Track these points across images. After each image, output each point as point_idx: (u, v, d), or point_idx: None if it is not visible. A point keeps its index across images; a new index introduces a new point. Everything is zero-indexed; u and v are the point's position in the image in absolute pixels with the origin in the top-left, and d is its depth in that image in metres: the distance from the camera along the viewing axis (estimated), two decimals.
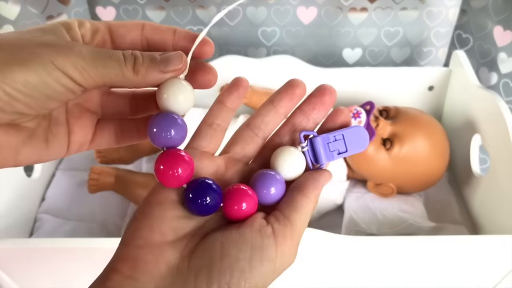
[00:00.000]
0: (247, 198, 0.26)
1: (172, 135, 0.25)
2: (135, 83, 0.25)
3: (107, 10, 0.82)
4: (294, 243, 0.25)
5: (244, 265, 0.23)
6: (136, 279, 0.23)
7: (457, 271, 0.55)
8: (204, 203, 0.25)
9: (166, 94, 0.26)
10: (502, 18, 0.70)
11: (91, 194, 0.71)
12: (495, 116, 0.62)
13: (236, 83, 0.29)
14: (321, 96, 0.29)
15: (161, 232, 0.24)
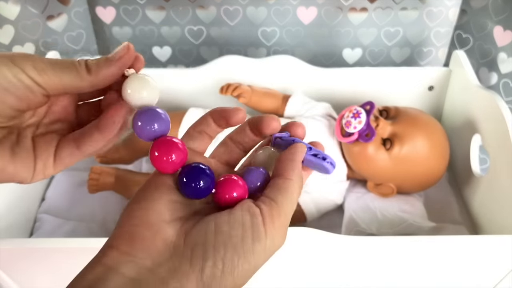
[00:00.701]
0: (238, 187, 0.27)
1: (155, 128, 0.27)
2: (90, 80, 0.26)
3: (107, 10, 0.82)
4: (281, 223, 0.26)
5: (237, 242, 0.24)
6: (133, 255, 0.24)
7: (457, 271, 0.55)
8: (198, 187, 0.26)
9: (129, 89, 0.27)
10: (502, 18, 0.70)
11: (91, 194, 0.71)
12: (495, 116, 0.62)
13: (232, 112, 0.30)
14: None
15: (158, 212, 0.25)
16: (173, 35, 0.85)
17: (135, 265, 0.23)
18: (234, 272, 0.24)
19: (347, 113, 0.67)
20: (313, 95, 0.78)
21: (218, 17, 0.82)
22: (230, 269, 0.24)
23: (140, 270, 0.23)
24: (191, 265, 0.24)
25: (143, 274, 0.23)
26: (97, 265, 0.24)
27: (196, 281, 0.23)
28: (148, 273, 0.23)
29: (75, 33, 0.83)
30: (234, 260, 0.24)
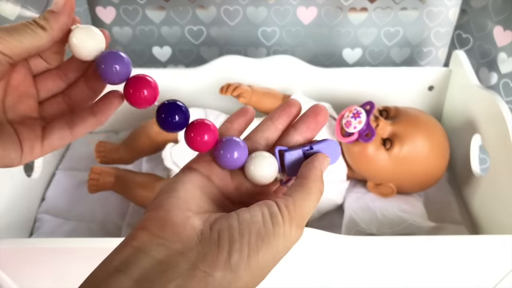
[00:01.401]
0: (209, 132, 0.29)
1: (118, 69, 0.28)
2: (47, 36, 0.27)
3: (107, 10, 0.82)
4: (297, 215, 0.26)
5: (259, 227, 0.25)
6: (164, 238, 0.24)
7: (457, 271, 0.55)
8: (173, 120, 0.29)
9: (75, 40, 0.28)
10: (502, 18, 0.70)
11: (91, 194, 0.71)
12: (495, 116, 0.62)
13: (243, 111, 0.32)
14: (315, 116, 0.32)
15: (187, 202, 0.26)
16: (173, 35, 0.85)
17: (166, 248, 0.24)
18: (259, 256, 0.25)
19: (347, 113, 0.67)
20: (313, 95, 0.78)
21: (218, 17, 0.82)
22: (255, 252, 0.24)
23: (170, 253, 0.24)
24: (219, 248, 0.24)
25: (172, 257, 0.24)
26: (127, 247, 0.24)
27: (224, 265, 0.24)
28: (178, 256, 0.24)
29: None
30: (259, 244, 0.25)
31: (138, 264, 0.23)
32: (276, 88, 0.78)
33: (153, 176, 0.71)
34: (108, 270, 0.24)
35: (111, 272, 0.23)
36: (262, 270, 0.25)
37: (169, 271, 0.23)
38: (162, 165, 0.74)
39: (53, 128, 0.29)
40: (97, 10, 0.82)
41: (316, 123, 0.32)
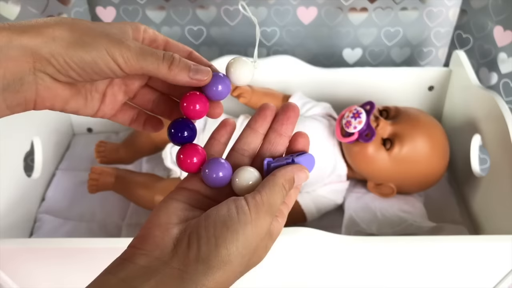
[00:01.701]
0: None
1: (219, 89, 0.33)
2: (166, 77, 0.31)
3: (107, 10, 0.82)
4: (264, 206, 0.30)
5: (225, 218, 0.29)
6: (145, 249, 0.29)
7: (457, 271, 0.55)
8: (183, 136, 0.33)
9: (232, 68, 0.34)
10: (502, 18, 0.70)
11: (91, 194, 0.71)
12: (495, 116, 0.62)
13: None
14: (285, 113, 0.35)
15: (168, 217, 0.31)
16: (173, 35, 0.85)
17: (147, 257, 0.28)
18: (227, 244, 0.28)
19: (347, 113, 0.67)
20: (313, 95, 0.78)
21: (218, 17, 0.82)
22: (222, 241, 0.28)
23: (151, 259, 0.28)
24: (189, 247, 0.28)
25: (152, 262, 0.28)
26: (116, 260, 0.29)
27: (195, 259, 0.28)
28: (156, 261, 0.28)
29: None
30: (223, 232, 0.28)
31: (124, 269, 0.28)
32: (276, 88, 0.78)
33: (153, 176, 0.71)
34: (100, 274, 0.29)
35: (102, 274, 0.28)
36: (236, 258, 0.28)
37: (149, 272, 0.28)
38: (162, 165, 0.74)
39: (124, 113, 0.36)
40: (97, 10, 0.82)
41: (287, 118, 0.35)
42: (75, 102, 0.33)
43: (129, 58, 0.30)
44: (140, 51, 0.31)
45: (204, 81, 0.32)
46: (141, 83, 0.36)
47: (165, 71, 0.31)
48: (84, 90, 0.34)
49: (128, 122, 0.37)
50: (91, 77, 0.31)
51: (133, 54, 0.30)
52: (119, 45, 0.30)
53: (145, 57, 0.31)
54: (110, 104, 0.35)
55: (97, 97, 0.35)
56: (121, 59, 0.30)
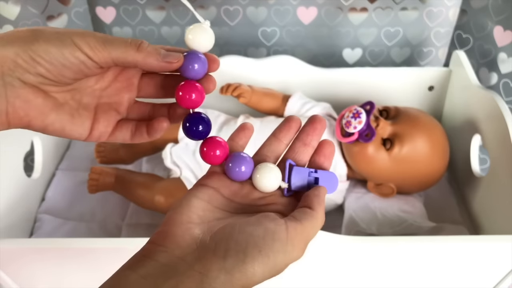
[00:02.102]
0: (220, 147, 0.34)
1: (195, 68, 0.32)
2: (136, 60, 0.31)
3: (107, 10, 0.82)
4: (303, 239, 0.29)
5: (258, 240, 0.28)
6: (166, 246, 0.29)
7: (457, 271, 0.55)
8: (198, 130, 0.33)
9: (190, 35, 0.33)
10: (502, 18, 0.70)
11: (91, 194, 0.71)
12: (495, 116, 0.62)
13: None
14: (312, 124, 0.36)
15: (189, 216, 0.30)
16: (173, 35, 0.85)
17: (167, 255, 0.28)
18: (255, 265, 0.27)
19: (347, 113, 0.67)
20: (313, 95, 0.78)
21: (218, 17, 0.82)
22: (250, 260, 0.27)
23: (171, 258, 0.28)
24: (214, 253, 0.28)
25: (172, 261, 0.28)
26: (137, 256, 0.29)
27: (218, 267, 0.27)
28: (177, 260, 0.28)
29: None
30: (255, 253, 0.28)
31: (144, 266, 0.28)
32: (276, 88, 0.78)
33: (153, 176, 0.71)
34: (120, 269, 0.28)
35: (121, 270, 0.28)
36: (257, 277, 0.28)
37: (169, 271, 0.27)
38: (162, 165, 0.74)
39: (121, 129, 0.34)
40: (97, 10, 0.82)
41: (314, 129, 0.35)
42: (57, 117, 0.31)
43: (96, 45, 0.30)
44: (106, 37, 0.30)
45: (175, 63, 0.32)
46: (130, 95, 0.35)
47: (134, 53, 0.30)
48: (68, 107, 0.32)
49: (129, 137, 0.35)
50: (61, 72, 0.30)
51: (99, 40, 0.30)
52: (84, 34, 0.30)
53: (112, 42, 0.30)
54: (105, 122, 0.34)
55: (86, 115, 0.33)
56: (87, 47, 0.29)
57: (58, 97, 0.32)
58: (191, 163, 0.69)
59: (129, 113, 0.35)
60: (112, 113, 0.34)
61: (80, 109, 0.33)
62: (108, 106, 0.34)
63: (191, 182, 0.67)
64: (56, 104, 0.31)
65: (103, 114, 0.34)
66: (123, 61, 0.31)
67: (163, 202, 0.67)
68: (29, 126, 0.31)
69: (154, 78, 0.35)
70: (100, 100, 0.34)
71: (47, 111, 0.31)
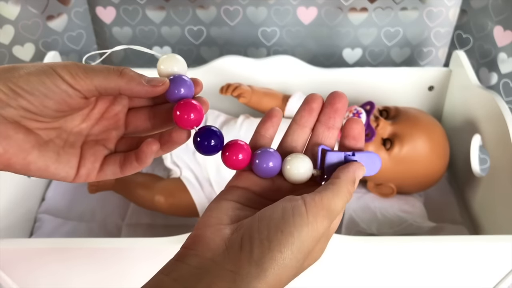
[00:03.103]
0: (243, 151, 0.32)
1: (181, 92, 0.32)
2: (120, 85, 0.30)
3: (107, 10, 0.82)
4: (323, 207, 0.28)
5: (278, 221, 0.28)
6: (197, 250, 0.29)
7: (457, 271, 0.55)
8: (209, 144, 0.32)
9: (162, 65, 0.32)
10: (502, 18, 0.70)
11: (91, 194, 0.71)
12: (495, 116, 0.62)
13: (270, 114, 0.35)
14: (332, 106, 0.34)
15: (218, 218, 0.30)
16: (173, 35, 0.85)
17: (199, 258, 0.28)
18: (281, 248, 0.27)
19: (347, 113, 0.67)
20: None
21: (218, 17, 0.82)
22: (276, 244, 0.27)
23: (203, 261, 0.28)
24: (241, 249, 0.27)
25: (204, 263, 0.28)
26: (171, 261, 0.29)
27: (248, 262, 0.27)
28: (208, 261, 0.28)
29: (75, 33, 0.83)
30: (278, 235, 0.27)
31: (177, 270, 0.28)
32: (276, 88, 0.78)
33: (153, 176, 0.71)
34: (155, 275, 0.28)
35: (156, 275, 0.28)
36: (288, 260, 0.27)
37: (201, 273, 0.27)
38: (162, 165, 0.74)
39: (109, 164, 0.33)
40: (97, 10, 0.82)
41: (335, 111, 0.33)
42: (41, 155, 0.30)
43: (77, 72, 0.29)
44: (88, 66, 0.30)
45: (160, 87, 0.31)
46: (117, 132, 0.34)
47: (116, 79, 0.30)
48: (52, 145, 0.31)
49: (119, 171, 0.33)
50: (44, 103, 0.28)
51: (81, 68, 0.29)
52: (66, 64, 0.29)
53: (93, 69, 0.29)
54: (91, 157, 0.32)
55: (72, 152, 0.32)
56: (69, 75, 0.29)
57: (42, 134, 0.30)
58: (191, 163, 0.69)
59: (118, 147, 0.34)
60: (99, 148, 0.33)
61: (66, 147, 0.31)
62: (94, 142, 0.33)
63: (191, 182, 0.67)
64: (39, 141, 0.30)
65: (90, 150, 0.32)
66: (105, 87, 0.30)
67: (163, 202, 0.67)
68: (9, 165, 0.29)
69: (141, 111, 0.34)
70: (87, 138, 0.33)
71: (29, 147, 0.29)
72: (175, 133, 0.33)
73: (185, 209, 0.67)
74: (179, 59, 0.32)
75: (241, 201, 0.32)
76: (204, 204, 0.67)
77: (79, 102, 0.30)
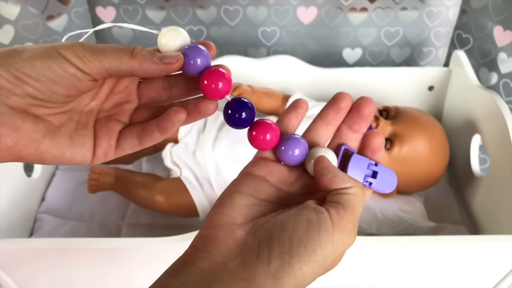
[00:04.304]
0: (271, 131, 0.31)
1: (198, 63, 0.29)
2: (132, 67, 0.28)
3: (107, 10, 0.82)
4: (349, 220, 0.27)
5: (302, 234, 0.26)
6: (207, 252, 0.27)
7: (457, 271, 0.55)
8: (240, 117, 0.30)
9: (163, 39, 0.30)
10: (502, 18, 0.70)
11: (91, 194, 0.71)
12: (495, 116, 0.62)
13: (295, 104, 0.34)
14: (359, 111, 0.32)
15: (231, 216, 0.28)
16: None
17: (209, 261, 0.26)
18: (302, 265, 0.25)
19: None
20: (313, 95, 0.78)
21: (218, 17, 0.82)
22: (297, 260, 0.25)
23: (213, 264, 0.26)
24: (258, 258, 0.26)
25: (215, 267, 0.26)
26: (179, 261, 0.27)
27: (264, 272, 0.25)
28: (219, 266, 0.26)
29: None
30: (300, 250, 0.25)
31: (186, 273, 0.26)
32: (276, 88, 0.78)
33: (153, 176, 0.71)
34: (162, 275, 0.27)
35: (163, 276, 0.27)
36: (308, 277, 0.26)
37: (212, 279, 0.26)
38: (162, 165, 0.74)
39: (126, 137, 0.31)
40: (97, 10, 0.82)
41: (360, 117, 0.32)
42: (53, 142, 0.28)
43: (85, 55, 0.27)
44: (95, 46, 0.27)
45: (175, 64, 0.29)
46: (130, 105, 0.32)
47: (128, 60, 0.28)
48: (65, 129, 0.29)
49: (137, 143, 0.31)
50: (52, 89, 0.27)
51: (88, 49, 0.27)
52: (71, 45, 0.27)
53: (102, 50, 0.27)
54: (106, 135, 0.30)
55: (86, 133, 0.30)
56: (76, 58, 0.26)
57: (52, 119, 0.28)
58: (191, 163, 0.69)
59: (133, 119, 0.32)
60: (112, 123, 0.31)
61: (78, 129, 0.30)
62: (107, 119, 0.31)
63: (191, 182, 0.67)
64: (50, 128, 0.28)
65: (103, 128, 0.30)
66: (117, 70, 0.28)
67: (163, 202, 0.67)
68: (21, 156, 0.27)
69: (154, 82, 0.32)
70: (99, 116, 0.31)
71: (39, 137, 0.27)
72: (203, 104, 0.30)
73: (185, 209, 0.67)
74: (181, 31, 0.30)
75: (257, 194, 0.30)
76: (204, 204, 0.67)
77: (88, 85, 0.28)
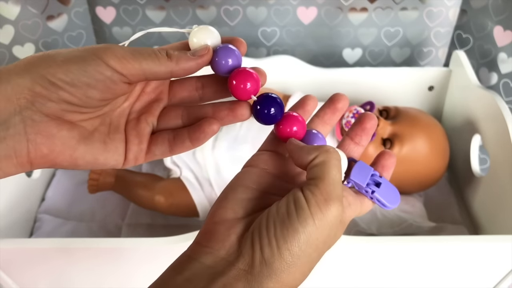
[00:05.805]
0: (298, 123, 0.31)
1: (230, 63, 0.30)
2: (170, 68, 0.28)
3: (107, 10, 0.82)
4: (321, 192, 0.27)
5: (283, 217, 0.26)
6: (210, 247, 0.28)
7: (457, 271, 0.55)
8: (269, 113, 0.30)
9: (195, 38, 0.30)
10: (502, 18, 0.70)
11: (91, 194, 0.71)
12: (495, 116, 0.62)
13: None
14: (361, 124, 0.33)
15: (234, 210, 0.29)
16: (173, 35, 0.85)
17: (213, 256, 0.27)
18: (288, 245, 0.26)
19: (347, 113, 0.67)
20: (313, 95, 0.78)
21: (218, 17, 0.82)
22: (283, 242, 0.26)
23: (216, 259, 0.27)
24: (253, 248, 0.26)
25: (218, 262, 0.27)
26: (183, 257, 0.28)
27: (259, 261, 0.26)
28: (222, 261, 0.27)
29: (75, 33, 0.83)
30: (284, 233, 0.26)
31: (190, 268, 0.27)
32: (276, 88, 0.78)
33: (153, 176, 0.71)
34: (166, 271, 0.28)
35: (167, 271, 0.27)
36: (300, 258, 0.26)
37: (215, 273, 0.26)
38: (162, 165, 0.74)
39: (157, 143, 0.31)
40: (97, 10, 0.82)
41: (362, 129, 0.33)
42: (87, 148, 0.28)
43: (124, 56, 0.26)
44: (133, 49, 0.27)
45: (206, 56, 0.29)
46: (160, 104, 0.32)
47: (165, 61, 0.28)
48: (98, 134, 0.29)
49: (168, 150, 0.31)
50: (87, 93, 0.26)
51: (127, 52, 0.27)
52: (108, 47, 0.27)
53: (141, 53, 0.27)
54: (136, 139, 0.30)
55: (118, 137, 0.30)
56: (114, 59, 0.26)
57: (86, 125, 0.28)
58: (191, 163, 0.69)
59: (160, 123, 0.32)
60: (141, 126, 0.31)
61: (111, 133, 0.30)
62: (136, 121, 0.31)
63: (191, 182, 0.67)
64: (84, 134, 0.28)
65: (132, 131, 0.30)
66: (155, 71, 0.28)
67: (163, 202, 0.67)
68: (55, 163, 0.27)
69: (187, 82, 0.32)
70: (129, 117, 0.31)
71: (74, 143, 0.27)
72: (239, 108, 0.31)
73: (185, 209, 0.67)
74: (212, 30, 0.31)
75: (258, 186, 0.30)
76: (204, 204, 0.67)
77: (123, 88, 0.28)
